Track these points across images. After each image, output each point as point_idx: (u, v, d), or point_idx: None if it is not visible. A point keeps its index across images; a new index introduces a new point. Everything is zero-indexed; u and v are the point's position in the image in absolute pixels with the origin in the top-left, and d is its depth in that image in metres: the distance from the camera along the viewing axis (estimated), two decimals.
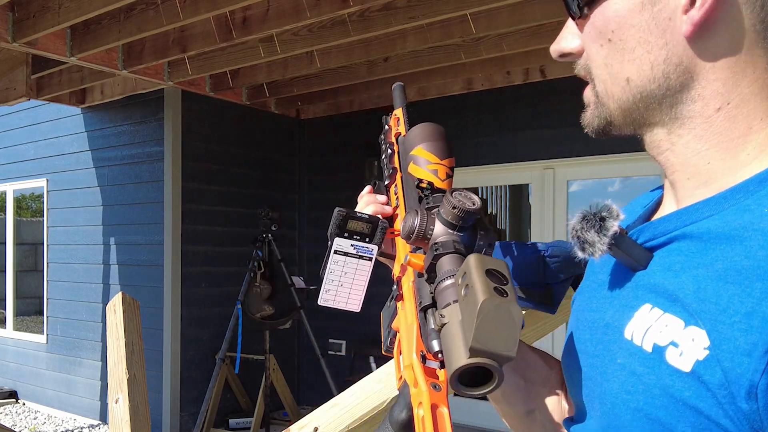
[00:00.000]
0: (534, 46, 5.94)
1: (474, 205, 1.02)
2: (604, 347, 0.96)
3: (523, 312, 1.04)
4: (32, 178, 9.44)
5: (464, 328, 0.84)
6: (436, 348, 0.90)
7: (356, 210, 1.26)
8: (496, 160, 7.50)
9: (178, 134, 7.59)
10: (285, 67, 6.80)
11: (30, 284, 10.00)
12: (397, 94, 1.55)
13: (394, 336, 1.11)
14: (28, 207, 9.95)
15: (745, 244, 0.80)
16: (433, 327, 0.92)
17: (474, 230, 1.05)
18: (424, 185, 1.17)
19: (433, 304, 0.96)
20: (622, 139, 2.00)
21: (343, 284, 1.22)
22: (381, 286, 5.11)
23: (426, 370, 0.90)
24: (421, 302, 0.99)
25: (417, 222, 1.05)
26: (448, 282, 0.94)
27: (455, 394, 0.90)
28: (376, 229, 1.21)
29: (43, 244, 9.25)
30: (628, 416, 0.88)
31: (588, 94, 0.99)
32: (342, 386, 6.80)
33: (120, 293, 2.68)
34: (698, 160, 0.90)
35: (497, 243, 1.38)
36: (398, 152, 1.36)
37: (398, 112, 1.44)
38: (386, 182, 1.36)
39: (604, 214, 0.94)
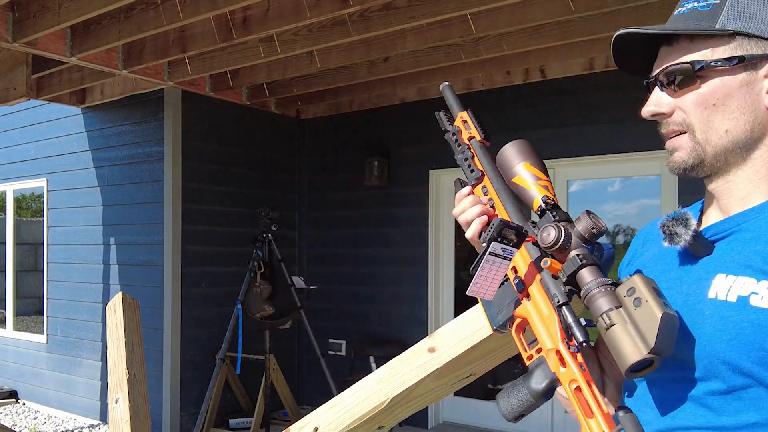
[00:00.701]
0: (534, 46, 5.97)
1: (604, 226, 1.34)
2: (689, 309, 1.33)
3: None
4: (32, 178, 9.46)
5: (639, 331, 1.22)
6: (582, 338, 1.24)
7: (461, 209, 1.58)
8: None
9: (178, 134, 7.60)
10: (285, 67, 6.82)
11: (30, 284, 10.00)
12: (449, 95, 1.76)
13: (511, 320, 1.42)
14: (28, 207, 9.99)
15: None
16: (571, 321, 1.27)
17: (594, 245, 1.37)
18: (549, 201, 1.43)
19: (567, 303, 1.31)
20: (622, 139, 2.14)
21: (486, 279, 1.40)
22: (378, 286, 5.15)
23: (571, 354, 1.27)
24: (558, 300, 1.31)
25: (559, 236, 1.33)
26: (601, 290, 1.28)
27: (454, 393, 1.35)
28: (522, 237, 1.39)
29: (43, 244, 9.28)
30: (723, 345, 1.25)
31: (682, 141, 1.37)
32: (342, 386, 6.81)
33: (120, 293, 2.69)
34: (755, 187, 1.35)
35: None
36: (476, 155, 1.63)
37: (464, 115, 1.68)
38: (472, 183, 1.62)
39: (686, 216, 1.36)
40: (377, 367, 1.94)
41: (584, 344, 1.27)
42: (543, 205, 1.42)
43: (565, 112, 7.06)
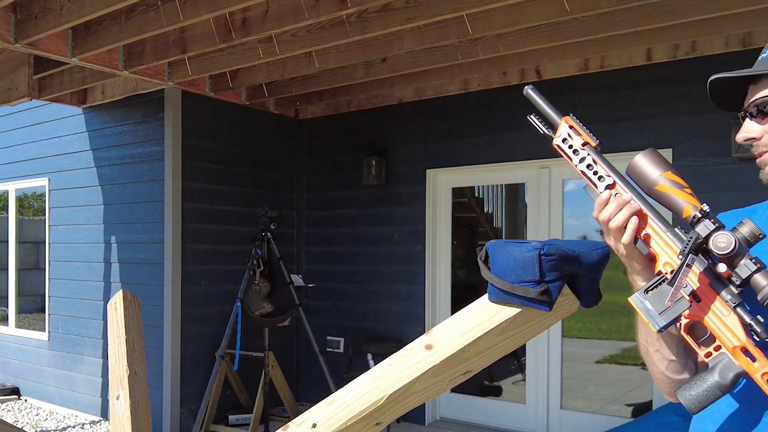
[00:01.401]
0: (530, 47, 6.02)
1: (764, 234, 1.49)
2: None
3: (519, 310, 1.50)
4: (34, 177, 9.51)
5: None
6: (765, 335, 1.41)
7: (610, 213, 1.61)
8: (492, 159, 7.60)
9: (178, 134, 7.65)
10: (284, 67, 6.87)
11: (32, 282, 9.97)
12: (539, 99, 1.82)
13: (677, 320, 1.51)
14: (30, 206, 10.02)
15: None
16: (749, 320, 1.44)
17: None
18: (705, 210, 1.52)
19: (742, 303, 1.47)
20: (616, 140, 2.29)
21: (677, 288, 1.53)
22: (376, 284, 5.22)
23: (757, 349, 1.45)
24: (735, 302, 1.47)
25: (733, 243, 1.44)
26: None
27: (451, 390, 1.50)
28: (699, 247, 1.51)
29: (44, 242, 9.31)
30: None
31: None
32: (340, 383, 6.95)
33: (121, 291, 2.70)
34: None
35: (491, 242, 1.55)
36: (599, 162, 1.67)
37: (569, 120, 1.72)
38: (606, 186, 1.65)
39: None
40: (375, 364, 1.92)
41: (766, 339, 1.44)
42: (699, 214, 1.53)
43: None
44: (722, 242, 1.47)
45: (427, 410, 8.12)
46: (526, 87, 1.82)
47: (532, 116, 1.82)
